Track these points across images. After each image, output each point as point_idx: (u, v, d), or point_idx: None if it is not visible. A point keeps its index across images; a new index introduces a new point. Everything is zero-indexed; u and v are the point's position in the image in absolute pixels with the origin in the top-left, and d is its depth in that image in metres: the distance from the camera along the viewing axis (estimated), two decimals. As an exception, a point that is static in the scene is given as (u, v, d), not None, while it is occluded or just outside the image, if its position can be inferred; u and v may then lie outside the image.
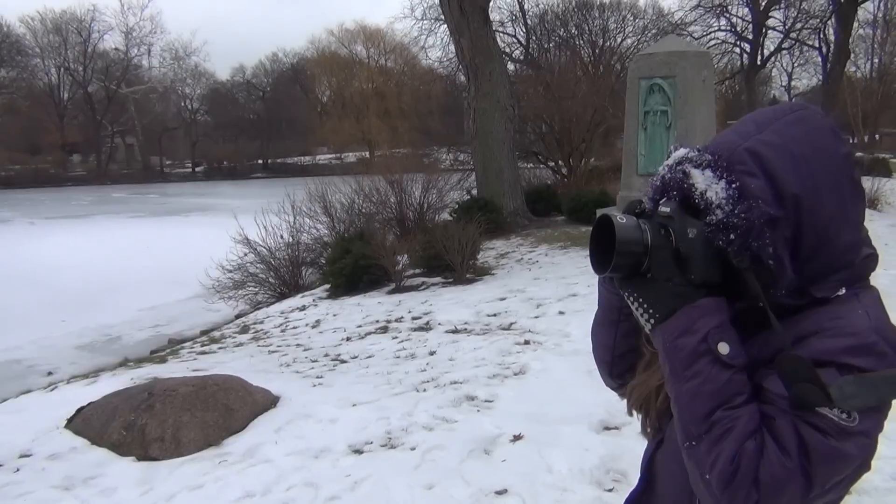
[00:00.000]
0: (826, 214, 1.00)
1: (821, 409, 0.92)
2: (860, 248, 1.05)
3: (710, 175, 1.01)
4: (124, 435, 4.02)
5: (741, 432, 0.96)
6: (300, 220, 12.25)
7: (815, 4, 33.94)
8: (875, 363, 0.94)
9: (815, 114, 1.06)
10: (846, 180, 1.02)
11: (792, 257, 1.00)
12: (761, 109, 1.11)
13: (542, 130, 17.86)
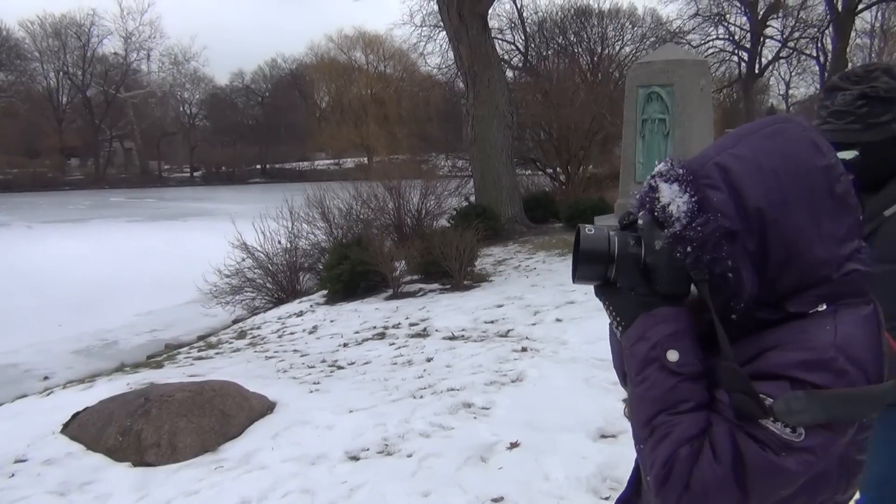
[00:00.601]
0: (794, 229, 0.99)
1: (764, 422, 0.93)
2: (841, 264, 1.01)
3: (675, 188, 1.03)
4: (120, 440, 4.01)
5: (678, 437, 0.98)
6: (298, 225, 12.25)
7: (813, 14, 34.07)
8: (830, 380, 0.93)
9: (794, 126, 1.05)
10: (821, 194, 1.00)
11: (759, 271, 1.00)
12: (747, 123, 1.12)
13: (540, 137, 17.89)
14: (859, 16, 30.47)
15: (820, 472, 0.97)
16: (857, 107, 1.78)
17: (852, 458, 1.02)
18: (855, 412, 0.94)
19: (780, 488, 0.95)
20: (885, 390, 0.94)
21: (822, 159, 1.01)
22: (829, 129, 1.81)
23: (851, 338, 0.96)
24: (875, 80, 1.78)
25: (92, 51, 59.67)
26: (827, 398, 0.92)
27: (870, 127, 1.79)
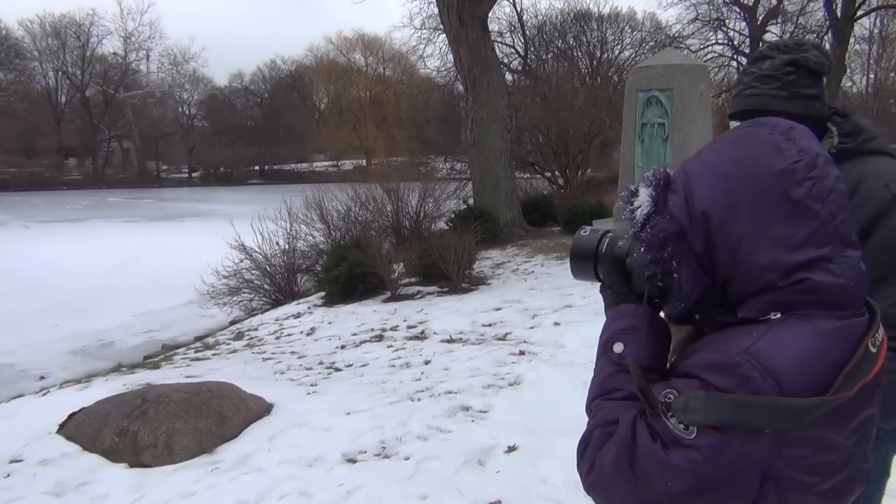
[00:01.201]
0: (738, 232, 0.99)
1: (666, 416, 0.97)
2: (790, 271, 0.97)
3: (648, 193, 1.07)
4: (116, 441, 4.00)
5: (599, 420, 1.09)
6: (296, 227, 12.24)
7: (812, 20, 34.15)
8: (731, 384, 0.93)
9: (761, 130, 1.04)
10: (773, 198, 0.98)
11: (710, 274, 1.02)
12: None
13: (539, 141, 17.92)
14: (858, 22, 30.59)
15: (720, 479, 0.96)
16: (784, 73, 1.69)
17: (788, 475, 0.98)
18: (753, 420, 0.91)
19: (667, 481, 0.96)
20: (799, 405, 0.90)
21: (780, 163, 0.99)
22: (753, 94, 1.72)
23: (775, 348, 0.94)
24: (806, 51, 1.70)
25: (91, 50, 59.72)
26: (724, 401, 0.92)
27: (795, 97, 1.69)
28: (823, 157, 1.01)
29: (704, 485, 0.97)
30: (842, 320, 0.97)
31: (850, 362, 0.94)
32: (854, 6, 27.42)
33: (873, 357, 0.97)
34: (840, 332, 0.97)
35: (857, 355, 0.95)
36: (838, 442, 0.98)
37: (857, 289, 0.99)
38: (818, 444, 0.97)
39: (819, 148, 1.02)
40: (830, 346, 0.95)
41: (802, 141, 1.01)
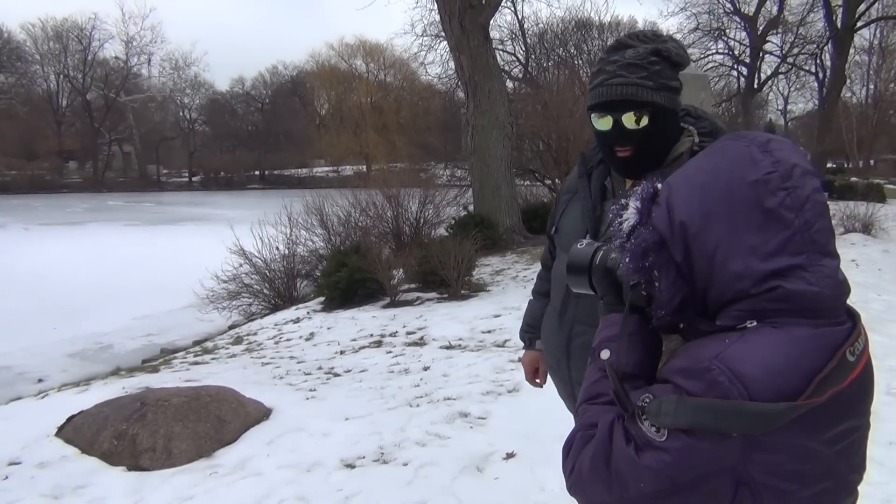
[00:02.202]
0: (714, 241, 1.01)
1: (640, 419, 1.00)
2: (762, 279, 0.99)
3: (635, 205, 1.11)
4: (115, 444, 4.00)
5: (582, 423, 1.13)
6: (296, 232, 12.24)
7: (813, 30, 34.32)
8: (700, 388, 0.96)
9: (739, 142, 1.06)
10: (748, 207, 1.00)
11: (690, 283, 1.05)
12: None
13: (539, 148, 17.91)
14: (858, 33, 30.69)
15: (691, 482, 0.98)
16: (649, 62, 1.61)
17: (762, 482, 0.98)
18: (721, 424, 0.93)
19: (639, 482, 1.00)
20: (766, 410, 0.91)
21: (754, 173, 1.01)
22: (620, 84, 1.61)
23: (745, 354, 0.96)
24: (665, 42, 1.65)
25: (93, 54, 60.02)
26: (694, 405, 0.94)
27: (661, 88, 1.62)
28: (801, 168, 1.02)
29: (676, 486, 0.99)
30: (816, 328, 0.98)
31: (825, 370, 0.95)
32: (854, 17, 27.51)
33: (850, 365, 0.98)
34: (814, 340, 0.98)
35: (832, 363, 0.96)
36: (815, 450, 0.99)
37: (834, 297, 1.00)
38: (792, 451, 0.97)
39: (797, 159, 1.03)
40: (803, 353, 0.96)
41: (779, 153, 1.03)
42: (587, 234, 1.75)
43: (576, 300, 1.79)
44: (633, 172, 1.70)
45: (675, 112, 1.66)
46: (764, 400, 0.92)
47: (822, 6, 29.71)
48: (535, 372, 2.28)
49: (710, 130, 1.70)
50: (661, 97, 1.61)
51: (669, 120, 1.65)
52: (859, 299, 7.16)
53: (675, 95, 1.64)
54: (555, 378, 2.03)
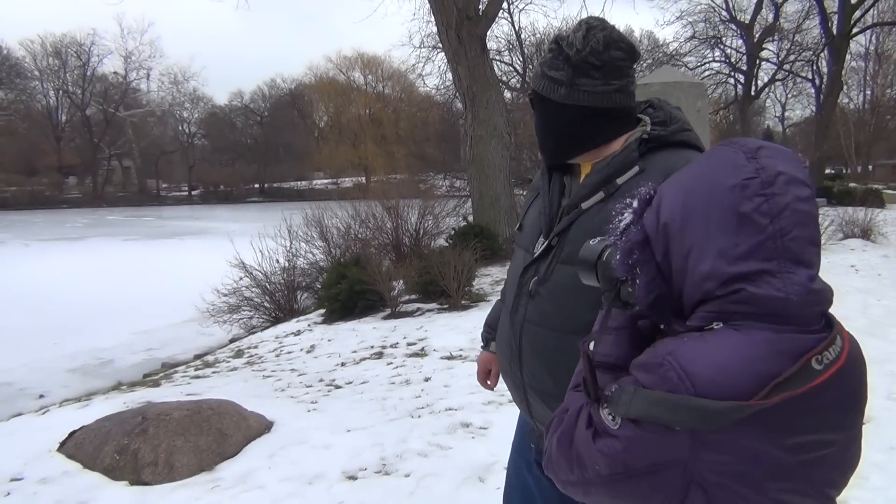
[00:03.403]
0: (689, 242, 1.05)
1: (602, 407, 1.06)
2: (728, 281, 1.01)
3: (633, 207, 1.17)
4: (117, 459, 3.99)
5: (561, 407, 1.20)
6: (296, 244, 12.25)
7: (809, 37, 34.44)
8: (653, 382, 1.00)
9: (727, 147, 1.09)
10: (722, 211, 1.02)
11: (666, 282, 1.10)
12: None
13: (537, 158, 17.97)
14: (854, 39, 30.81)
15: (641, 471, 1.02)
16: (548, 49, 1.62)
17: (713, 481, 1.00)
18: (667, 417, 0.97)
19: (594, 464, 1.05)
20: (711, 406, 0.93)
21: (734, 178, 1.03)
22: (533, 75, 1.69)
23: (698, 352, 0.99)
24: (575, 32, 1.59)
25: (92, 70, 60.29)
26: (645, 397, 0.99)
27: (543, 76, 1.63)
28: (787, 176, 1.02)
29: (628, 473, 1.02)
30: (778, 333, 0.99)
31: (782, 375, 0.95)
32: (850, 23, 27.61)
33: (814, 373, 0.97)
34: (774, 344, 0.98)
35: (792, 369, 0.96)
36: (770, 454, 0.99)
37: (801, 305, 0.99)
38: (742, 453, 0.98)
39: (785, 167, 1.03)
40: (759, 357, 0.97)
41: (766, 160, 1.04)
42: (541, 233, 1.73)
43: (527, 299, 1.71)
44: (542, 156, 1.80)
45: (554, 102, 1.62)
46: (711, 398, 0.94)
47: (817, 13, 29.82)
48: (487, 373, 2.21)
49: (663, 119, 1.66)
50: (539, 84, 1.63)
51: (549, 109, 1.65)
52: (859, 304, 7.16)
53: (552, 85, 1.60)
54: (507, 381, 1.89)
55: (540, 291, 1.67)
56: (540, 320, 1.67)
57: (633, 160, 1.59)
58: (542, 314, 1.66)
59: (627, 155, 1.60)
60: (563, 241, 1.65)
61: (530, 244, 1.76)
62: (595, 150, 1.66)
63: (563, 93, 1.59)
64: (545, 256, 1.69)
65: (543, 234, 1.72)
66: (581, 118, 1.61)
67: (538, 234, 1.74)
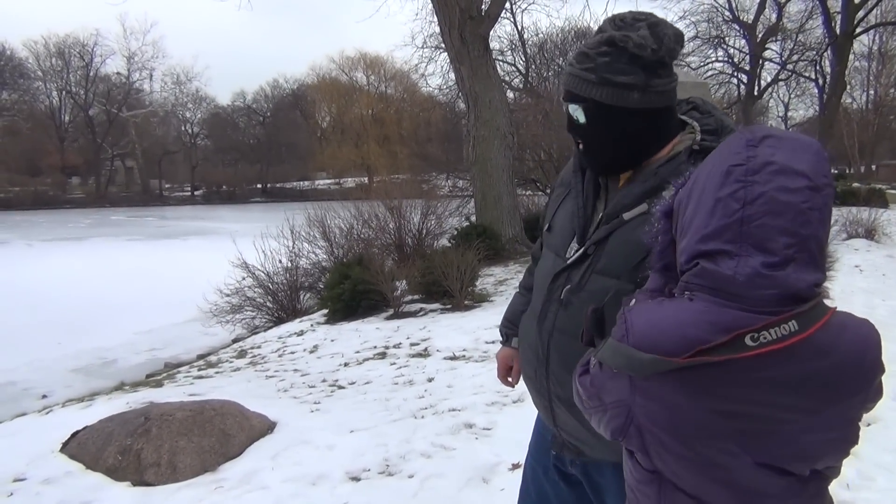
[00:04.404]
0: (685, 218, 1.15)
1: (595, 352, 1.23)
2: (692, 256, 1.10)
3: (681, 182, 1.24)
4: (120, 460, 3.99)
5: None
6: (299, 244, 12.26)
7: (812, 37, 34.39)
8: (615, 331, 1.16)
9: (740, 133, 1.16)
10: (707, 193, 1.10)
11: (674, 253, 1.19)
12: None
13: (540, 158, 17.96)
14: (857, 39, 30.74)
15: (606, 405, 1.18)
16: (599, 52, 1.47)
17: (643, 424, 1.13)
18: (610, 360, 1.14)
19: (580, 393, 1.26)
20: (635, 356, 1.08)
21: (727, 164, 1.10)
22: (568, 73, 1.52)
23: (645, 311, 1.15)
24: (636, 29, 1.46)
25: (95, 70, 60.36)
26: (608, 345, 1.16)
27: (604, 83, 1.47)
28: (778, 167, 1.06)
29: (602, 405, 1.20)
30: (719, 307, 1.06)
31: (710, 343, 1.03)
32: (853, 23, 27.57)
33: (743, 348, 1.03)
34: (709, 315, 1.06)
35: (720, 339, 1.03)
36: (696, 414, 1.09)
37: (748, 287, 1.04)
38: (669, 405, 1.10)
39: (781, 157, 1.07)
40: (692, 322, 1.07)
41: (764, 149, 1.09)
42: (575, 235, 1.63)
43: (557, 307, 1.62)
44: (590, 167, 1.63)
45: (625, 110, 1.49)
46: (640, 349, 1.08)
47: (820, 13, 29.79)
48: (508, 370, 2.15)
49: (714, 129, 1.55)
50: (600, 92, 1.47)
51: (618, 117, 1.50)
52: (864, 304, 7.14)
53: (623, 91, 1.47)
54: (530, 386, 1.82)
55: (572, 301, 1.58)
56: (572, 330, 1.54)
57: (682, 172, 1.39)
58: (574, 324, 1.52)
59: (677, 166, 1.48)
60: (600, 251, 1.55)
61: (562, 248, 1.67)
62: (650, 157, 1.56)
63: (636, 98, 1.47)
64: (579, 264, 1.59)
65: (577, 238, 1.62)
66: (649, 123, 1.52)
67: (570, 237, 1.65)
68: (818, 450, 1.11)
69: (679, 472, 1.15)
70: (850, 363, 1.07)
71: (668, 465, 1.15)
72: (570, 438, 1.71)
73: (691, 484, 1.14)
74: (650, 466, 1.18)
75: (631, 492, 1.27)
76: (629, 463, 1.25)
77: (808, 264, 1.05)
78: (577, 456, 1.73)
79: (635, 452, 1.20)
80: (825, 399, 1.07)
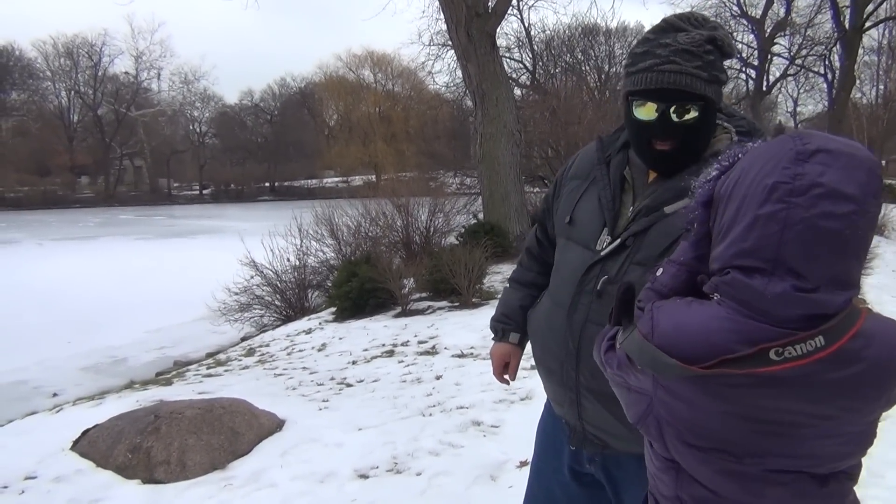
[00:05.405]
0: (724, 219, 1.11)
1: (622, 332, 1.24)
2: (725, 266, 1.08)
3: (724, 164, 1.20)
4: (130, 458, 4.01)
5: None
6: (307, 242, 12.27)
7: (821, 31, 34.13)
8: (640, 323, 1.17)
9: (790, 141, 1.07)
10: (749, 204, 1.05)
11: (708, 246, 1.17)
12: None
13: (548, 155, 17.93)
14: (867, 33, 30.50)
15: (630, 388, 1.22)
16: (705, 51, 1.46)
17: (663, 416, 1.15)
18: (639, 358, 1.14)
19: (607, 368, 1.29)
20: (658, 357, 1.09)
21: (773, 178, 1.03)
22: (675, 71, 1.46)
23: (673, 311, 1.14)
24: (716, 28, 1.50)
25: (103, 70, 60.45)
26: (633, 337, 1.17)
27: (713, 81, 1.48)
28: (825, 189, 0.99)
29: (623, 383, 1.24)
30: (744, 317, 1.05)
31: (735, 353, 1.03)
32: (862, 18, 27.36)
33: (767, 361, 1.02)
34: (735, 325, 1.05)
35: (746, 351, 1.03)
36: (715, 415, 1.09)
37: (777, 305, 1.01)
38: (691, 402, 1.11)
39: (830, 179, 1.00)
40: (718, 330, 1.06)
41: (813, 166, 1.02)
42: (604, 229, 1.62)
43: (591, 298, 1.61)
44: (669, 168, 1.58)
45: (718, 107, 1.54)
46: (664, 350, 1.09)
47: (829, 7, 29.57)
48: (504, 367, 2.11)
49: (747, 130, 1.58)
50: (711, 91, 1.48)
51: (713, 115, 1.54)
52: (874, 301, 7.11)
53: (721, 90, 1.52)
54: (552, 380, 1.79)
55: (609, 291, 1.56)
56: (605, 321, 1.53)
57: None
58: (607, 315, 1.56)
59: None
60: (639, 242, 1.55)
61: (591, 240, 1.65)
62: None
63: (718, 92, 1.52)
64: (615, 256, 1.59)
65: (609, 230, 1.62)
66: (714, 120, 1.57)
67: (598, 229, 1.64)
68: (836, 452, 1.10)
69: (694, 465, 1.16)
70: (875, 371, 1.04)
71: (683, 457, 1.16)
72: (595, 431, 1.69)
73: (707, 477, 1.15)
74: (667, 455, 1.19)
75: (651, 478, 1.28)
76: (649, 452, 1.26)
77: (842, 285, 1.02)
78: (600, 449, 1.71)
79: (653, 442, 1.22)
80: (847, 407, 1.06)
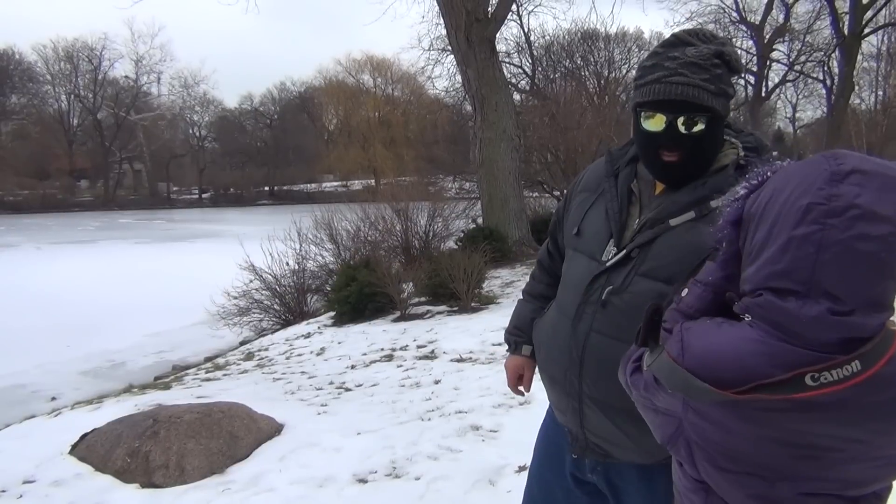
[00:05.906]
0: (755, 240, 1.08)
1: (648, 353, 1.22)
2: (756, 286, 1.05)
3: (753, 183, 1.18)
4: (128, 462, 4.01)
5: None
6: (306, 247, 12.29)
7: (820, 37, 34.20)
8: (669, 345, 1.15)
9: (823, 162, 1.05)
10: (783, 226, 1.02)
11: (738, 266, 1.14)
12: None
13: (547, 160, 17.94)
14: (866, 39, 30.58)
15: (657, 409, 1.20)
16: (713, 64, 1.50)
17: (695, 440, 1.13)
18: (669, 381, 1.11)
19: (632, 391, 1.27)
20: (693, 383, 1.06)
21: (807, 198, 1.01)
22: (683, 83, 1.49)
23: (704, 333, 1.11)
24: (724, 44, 1.54)
25: (103, 74, 60.44)
26: (661, 359, 1.14)
27: (720, 94, 1.51)
28: (861, 211, 0.97)
29: (650, 405, 1.21)
30: (779, 341, 1.02)
31: (771, 378, 1.00)
32: (861, 24, 27.42)
33: (803, 387, 0.99)
34: (770, 348, 1.02)
35: (782, 376, 1.00)
36: (748, 439, 1.07)
37: (812, 329, 0.99)
38: (722, 426, 1.09)
39: (865, 200, 0.98)
40: (751, 353, 1.04)
41: (848, 187, 1.00)
42: (611, 240, 1.65)
43: (595, 308, 1.63)
44: (676, 179, 1.60)
45: (725, 121, 1.58)
46: (695, 374, 1.07)
47: (828, 13, 29.64)
48: (519, 379, 2.15)
49: (755, 146, 1.60)
50: (718, 103, 1.51)
51: (721, 128, 1.57)
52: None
53: (728, 103, 1.55)
54: (556, 389, 1.82)
55: (614, 301, 1.60)
56: (610, 331, 1.60)
57: (731, 185, 1.39)
58: (613, 325, 1.59)
59: (725, 179, 1.50)
60: (644, 254, 1.58)
61: (597, 251, 1.68)
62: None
63: (725, 106, 1.55)
64: (620, 267, 1.61)
65: (615, 241, 1.65)
66: (722, 134, 1.60)
67: (605, 240, 1.67)
68: (867, 475, 1.09)
69: (726, 487, 1.14)
70: None
71: (714, 480, 1.15)
72: (597, 440, 1.71)
73: (738, 500, 1.13)
74: (697, 477, 1.18)
75: (679, 496, 1.27)
76: (679, 471, 1.24)
77: (878, 307, 0.99)
78: (601, 459, 1.73)
79: (683, 463, 1.20)
80: (880, 430, 1.04)
